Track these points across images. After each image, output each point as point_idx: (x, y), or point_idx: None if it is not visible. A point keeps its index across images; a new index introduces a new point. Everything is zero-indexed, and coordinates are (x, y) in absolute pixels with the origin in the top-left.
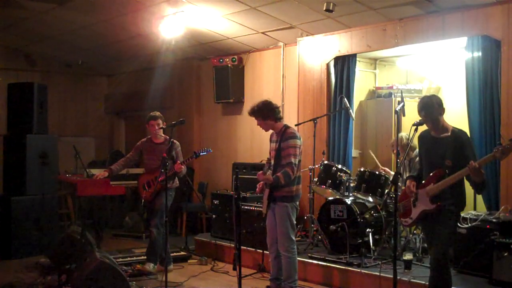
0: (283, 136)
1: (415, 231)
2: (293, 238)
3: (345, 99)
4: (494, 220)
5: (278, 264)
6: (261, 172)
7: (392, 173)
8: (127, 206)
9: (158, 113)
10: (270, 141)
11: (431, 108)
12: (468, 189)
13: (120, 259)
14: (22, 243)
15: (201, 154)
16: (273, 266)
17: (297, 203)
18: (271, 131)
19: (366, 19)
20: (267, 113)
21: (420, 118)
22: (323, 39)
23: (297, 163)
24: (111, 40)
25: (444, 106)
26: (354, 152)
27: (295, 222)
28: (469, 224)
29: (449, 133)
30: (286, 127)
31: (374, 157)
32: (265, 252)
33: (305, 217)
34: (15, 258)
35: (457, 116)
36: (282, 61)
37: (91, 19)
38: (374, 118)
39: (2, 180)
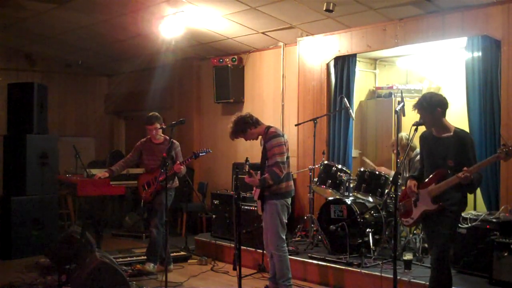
0: (266, 137)
1: (415, 231)
2: (283, 236)
3: (345, 99)
4: (494, 220)
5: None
6: (247, 175)
7: (391, 172)
8: (127, 206)
9: (154, 115)
10: (260, 145)
11: (421, 104)
12: None
13: (120, 259)
14: (22, 243)
15: (200, 154)
16: (271, 265)
17: (288, 200)
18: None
19: (366, 19)
20: (242, 126)
21: (419, 119)
22: (323, 39)
23: (284, 160)
24: (111, 40)
25: (444, 105)
26: (354, 152)
27: (285, 221)
28: (469, 224)
29: (451, 133)
30: (268, 128)
31: (370, 163)
32: (265, 252)
33: (305, 217)
34: (15, 258)
35: (457, 116)
36: (282, 61)
37: (91, 19)
38: (374, 118)
39: (2, 180)
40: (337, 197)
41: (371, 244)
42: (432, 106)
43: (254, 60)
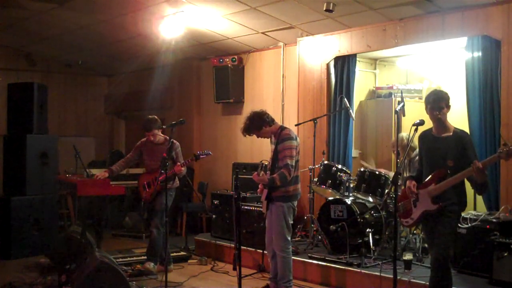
0: (279, 138)
1: (415, 231)
2: (288, 238)
3: (345, 99)
4: (494, 220)
5: (276, 264)
6: (255, 173)
7: (390, 173)
8: (127, 206)
9: (152, 120)
10: (270, 143)
11: (448, 99)
12: (468, 189)
13: (120, 259)
14: (22, 243)
15: (201, 156)
16: (272, 266)
17: (295, 203)
18: None
19: (366, 19)
20: (258, 123)
21: (419, 119)
22: (323, 39)
23: (294, 164)
24: (111, 40)
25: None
26: (354, 152)
27: (291, 223)
28: (469, 224)
29: (451, 133)
30: (282, 128)
31: (368, 166)
32: (265, 252)
33: (305, 217)
34: (15, 258)
35: (457, 116)
36: (282, 61)
37: (91, 19)
38: (374, 118)
39: (2, 180)
40: (337, 197)
41: (371, 244)
42: (447, 103)
43: (254, 60)
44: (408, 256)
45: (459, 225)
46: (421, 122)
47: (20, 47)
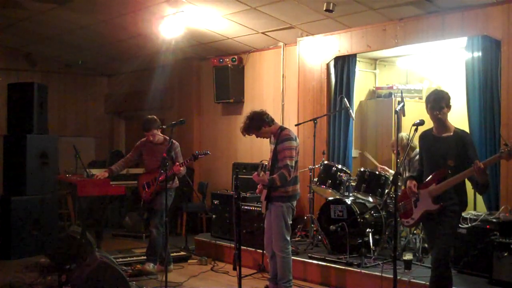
0: (279, 138)
1: (415, 231)
2: (288, 238)
3: (345, 99)
4: (494, 220)
5: (275, 264)
6: (255, 173)
7: (391, 171)
8: (127, 206)
9: (151, 120)
10: (270, 143)
11: (448, 99)
12: (469, 189)
13: (120, 259)
14: (22, 243)
15: (199, 156)
16: (271, 266)
17: (294, 203)
18: None
19: (366, 19)
20: (258, 123)
21: (419, 119)
22: (323, 39)
23: (293, 164)
24: (111, 40)
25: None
26: (354, 152)
27: (290, 223)
28: (469, 224)
29: (451, 133)
30: (282, 129)
31: (371, 158)
32: (265, 252)
33: (305, 217)
34: (15, 258)
35: (457, 116)
36: (282, 61)
37: (91, 19)
38: (374, 118)
39: (2, 180)
40: (337, 197)
41: (371, 244)
42: (448, 103)
43: (254, 60)
44: (408, 256)
45: (459, 225)
46: (421, 122)
47: (20, 47)
